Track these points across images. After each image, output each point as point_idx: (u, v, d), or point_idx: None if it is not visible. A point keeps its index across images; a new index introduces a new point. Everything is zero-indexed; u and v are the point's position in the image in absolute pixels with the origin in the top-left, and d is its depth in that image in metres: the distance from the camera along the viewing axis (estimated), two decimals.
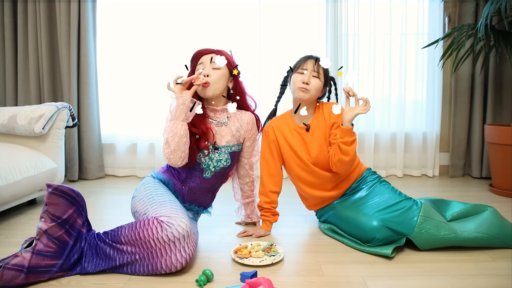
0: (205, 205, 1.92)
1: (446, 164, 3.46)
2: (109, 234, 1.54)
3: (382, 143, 3.39)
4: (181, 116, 1.65)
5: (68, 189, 1.51)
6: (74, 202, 1.53)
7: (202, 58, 1.79)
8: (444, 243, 1.68)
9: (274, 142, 1.97)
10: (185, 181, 1.80)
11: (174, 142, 1.64)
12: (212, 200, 1.96)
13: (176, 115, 1.65)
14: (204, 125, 1.76)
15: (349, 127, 1.76)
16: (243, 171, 2.00)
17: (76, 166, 3.27)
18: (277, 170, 1.99)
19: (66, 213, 1.50)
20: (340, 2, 3.22)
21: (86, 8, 3.16)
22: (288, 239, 1.90)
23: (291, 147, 1.95)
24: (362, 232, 1.73)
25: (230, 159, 1.85)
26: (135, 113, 3.37)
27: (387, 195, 1.82)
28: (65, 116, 2.60)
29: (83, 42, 3.18)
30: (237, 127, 1.87)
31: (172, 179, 1.81)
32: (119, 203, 2.58)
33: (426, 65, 3.32)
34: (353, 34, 3.25)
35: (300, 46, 3.24)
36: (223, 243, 1.86)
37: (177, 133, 1.64)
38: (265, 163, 1.99)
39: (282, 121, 1.99)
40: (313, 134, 1.92)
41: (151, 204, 1.62)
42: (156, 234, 1.45)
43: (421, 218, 1.68)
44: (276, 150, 1.97)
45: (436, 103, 3.34)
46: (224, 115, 1.85)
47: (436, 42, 2.87)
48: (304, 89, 1.84)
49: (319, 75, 1.86)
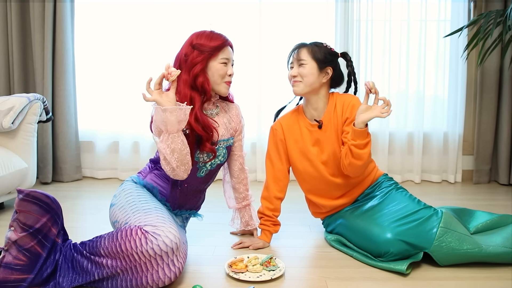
0: (196, 207, 1.93)
1: (470, 169, 3.47)
2: (87, 245, 1.54)
3: (397, 144, 3.39)
4: (174, 127, 1.57)
5: (42, 195, 1.51)
6: (48, 209, 1.52)
7: (228, 51, 1.79)
8: (466, 259, 1.68)
9: (282, 142, 1.98)
10: (176, 182, 1.80)
11: (174, 158, 1.60)
12: (202, 201, 1.97)
13: (167, 128, 1.57)
14: (206, 123, 1.73)
15: (362, 128, 1.75)
16: (236, 167, 2.01)
17: (49, 166, 3.27)
18: (284, 174, 2.00)
19: (39, 222, 1.50)
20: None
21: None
22: (290, 252, 1.90)
23: (300, 149, 1.95)
24: (374, 245, 1.73)
25: (226, 154, 1.88)
26: (117, 107, 3.37)
27: (404, 203, 1.83)
28: (38, 109, 2.60)
29: (59, 24, 3.18)
30: (228, 119, 1.91)
31: (159, 183, 1.81)
32: (98, 208, 2.58)
33: (448, 56, 3.32)
34: (366, 20, 3.26)
35: (305, 33, 3.25)
36: (216, 255, 1.86)
37: (175, 149, 1.59)
38: (271, 164, 2.00)
39: (292, 118, 1.99)
40: (326, 131, 1.92)
41: (134, 212, 1.61)
42: (140, 247, 1.44)
43: (441, 229, 1.68)
44: (284, 151, 1.98)
45: (459, 100, 3.34)
46: (214, 106, 1.88)
47: (460, 30, 2.88)
48: (295, 81, 1.87)
49: (305, 61, 1.85)
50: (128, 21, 3.31)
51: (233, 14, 3.31)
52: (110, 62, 3.35)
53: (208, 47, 1.73)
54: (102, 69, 3.38)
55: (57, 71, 3.22)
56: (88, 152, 3.48)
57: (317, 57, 1.85)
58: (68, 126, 3.29)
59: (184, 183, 1.80)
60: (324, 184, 1.95)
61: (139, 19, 3.30)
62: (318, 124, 1.92)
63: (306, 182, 2.01)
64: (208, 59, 1.74)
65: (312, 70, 1.85)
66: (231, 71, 1.80)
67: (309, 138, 1.94)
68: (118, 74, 3.34)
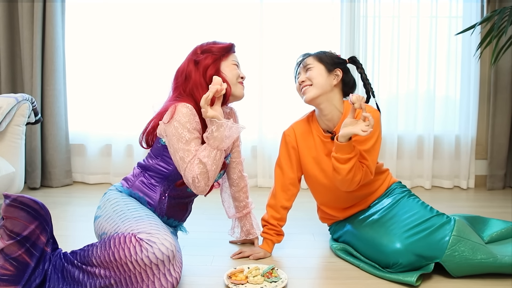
0: (183, 220, 1.93)
1: (483, 174, 3.47)
2: (78, 254, 1.53)
3: (406, 148, 3.39)
4: (223, 143, 1.62)
5: (30, 200, 1.51)
6: (37, 215, 1.52)
7: (236, 56, 1.82)
8: (480, 269, 1.68)
9: (295, 149, 1.97)
10: (165, 195, 1.78)
11: (214, 173, 1.64)
12: (189, 214, 1.96)
13: (216, 144, 1.61)
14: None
15: (342, 142, 1.73)
16: (235, 175, 2.01)
17: (38, 170, 3.27)
18: (293, 183, 1.99)
19: (27, 229, 1.50)
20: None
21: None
22: (293, 262, 1.90)
23: (313, 157, 1.94)
24: (382, 255, 1.74)
25: (224, 170, 1.89)
26: (110, 108, 3.37)
27: (415, 210, 1.83)
28: (26, 110, 2.60)
29: (49, 21, 3.18)
30: None
31: (146, 193, 1.76)
32: (89, 216, 2.57)
33: (460, 55, 3.33)
34: (373, 16, 3.26)
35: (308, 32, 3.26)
36: (215, 265, 1.86)
37: (219, 165, 1.64)
38: (280, 172, 1.99)
39: (305, 124, 1.99)
40: None
41: (124, 221, 1.59)
42: (135, 255, 1.44)
43: (454, 238, 1.68)
44: (296, 159, 1.97)
45: (472, 101, 3.34)
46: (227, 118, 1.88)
47: (473, 27, 2.88)
48: (305, 85, 1.86)
49: (311, 65, 1.86)
50: (123, 20, 3.31)
51: (233, 15, 3.31)
52: (103, 61, 3.36)
53: (218, 48, 1.76)
54: (94, 68, 3.38)
55: (47, 70, 3.23)
56: (79, 155, 3.48)
57: (323, 60, 1.87)
58: (58, 128, 3.29)
59: (172, 196, 1.79)
60: (336, 195, 1.95)
61: (135, 18, 3.31)
62: (331, 136, 1.90)
63: (318, 192, 2.01)
64: (220, 60, 1.76)
65: (320, 71, 1.85)
66: (243, 74, 1.82)
67: (322, 148, 1.93)
68: (111, 73, 3.35)
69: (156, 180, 1.76)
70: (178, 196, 1.80)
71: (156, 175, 1.76)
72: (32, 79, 3.21)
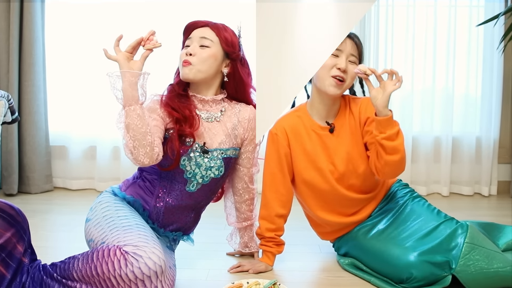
0: (185, 229, 1.92)
1: (507, 180, 3.48)
2: (58, 267, 1.54)
3: (422, 151, 3.40)
4: (130, 98, 1.62)
5: (6, 205, 1.51)
6: (13, 222, 1.52)
7: (193, 33, 1.85)
8: (498, 281, 1.67)
9: (285, 150, 1.92)
10: (162, 197, 1.80)
11: (129, 137, 1.60)
12: (195, 223, 1.96)
13: (125, 100, 1.62)
14: (188, 109, 1.78)
15: (387, 114, 1.69)
16: (240, 185, 2.00)
17: (15, 175, 3.27)
18: (287, 188, 1.95)
19: (3, 237, 1.49)
20: None
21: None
22: (297, 277, 1.90)
23: (308, 157, 1.91)
24: (394, 269, 1.73)
25: (223, 168, 1.86)
26: (94, 107, 3.37)
27: (422, 216, 1.83)
28: (2, 108, 2.60)
29: (27, 9, 3.19)
30: (234, 124, 1.88)
31: (141, 196, 1.80)
32: (72, 225, 2.58)
33: (481, 48, 3.34)
34: (386, 5, 3.27)
35: None
36: (210, 280, 1.86)
37: (130, 124, 1.60)
38: (271, 178, 1.95)
39: (295, 119, 1.95)
40: (338, 136, 1.91)
41: (112, 230, 1.61)
42: (119, 270, 1.45)
43: (467, 246, 1.67)
44: (287, 161, 1.93)
45: (494, 99, 3.35)
46: (217, 108, 1.87)
47: (496, 18, 2.89)
48: (340, 79, 1.81)
49: (357, 60, 1.86)
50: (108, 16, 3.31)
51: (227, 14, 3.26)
52: (87, 55, 3.34)
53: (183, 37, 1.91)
54: (77, 62, 3.37)
55: (25, 64, 3.23)
56: (61, 158, 3.49)
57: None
58: (37, 128, 3.29)
59: (170, 198, 1.80)
60: (336, 199, 1.93)
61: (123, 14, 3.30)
62: (329, 128, 1.91)
63: (312, 197, 1.96)
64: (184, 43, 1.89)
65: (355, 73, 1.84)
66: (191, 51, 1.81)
67: (317, 143, 1.91)
68: (96, 68, 3.32)
69: (153, 182, 1.80)
70: (176, 199, 1.81)
71: (151, 174, 1.81)
72: (8, 74, 3.21)
